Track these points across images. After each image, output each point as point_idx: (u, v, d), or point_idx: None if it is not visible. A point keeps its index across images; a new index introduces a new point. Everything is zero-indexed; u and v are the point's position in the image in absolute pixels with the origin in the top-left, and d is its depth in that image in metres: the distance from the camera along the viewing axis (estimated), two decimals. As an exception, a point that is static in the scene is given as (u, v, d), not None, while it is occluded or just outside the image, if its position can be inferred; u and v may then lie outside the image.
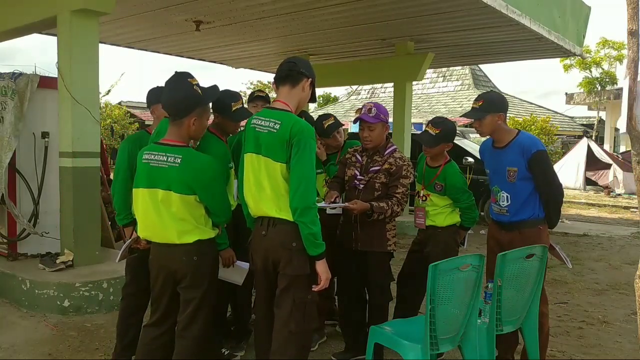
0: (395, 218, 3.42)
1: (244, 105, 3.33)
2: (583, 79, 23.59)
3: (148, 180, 2.59)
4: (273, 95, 3.13)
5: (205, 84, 2.74)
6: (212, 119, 3.22)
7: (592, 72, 23.44)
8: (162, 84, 2.91)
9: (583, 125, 24.65)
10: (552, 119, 20.53)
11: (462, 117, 16.77)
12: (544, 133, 18.25)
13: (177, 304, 2.68)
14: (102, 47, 6.09)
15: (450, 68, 21.33)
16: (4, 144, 5.06)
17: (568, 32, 8.27)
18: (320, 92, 29.83)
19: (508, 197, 3.21)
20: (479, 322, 2.83)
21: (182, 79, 2.61)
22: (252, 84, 28.71)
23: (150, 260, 2.72)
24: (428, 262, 2.74)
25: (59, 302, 4.44)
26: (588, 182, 17.32)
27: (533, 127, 18.30)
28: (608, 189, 16.56)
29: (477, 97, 3.33)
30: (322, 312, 3.77)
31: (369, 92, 24.84)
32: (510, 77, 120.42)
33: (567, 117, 25.39)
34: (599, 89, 23.22)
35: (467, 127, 15.79)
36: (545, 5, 7.47)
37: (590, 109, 25.66)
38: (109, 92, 24.35)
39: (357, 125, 3.57)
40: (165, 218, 2.57)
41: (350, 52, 9.67)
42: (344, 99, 26.29)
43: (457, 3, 6.42)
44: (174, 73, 2.67)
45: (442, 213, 3.55)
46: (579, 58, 16.74)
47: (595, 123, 23.97)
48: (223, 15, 7.26)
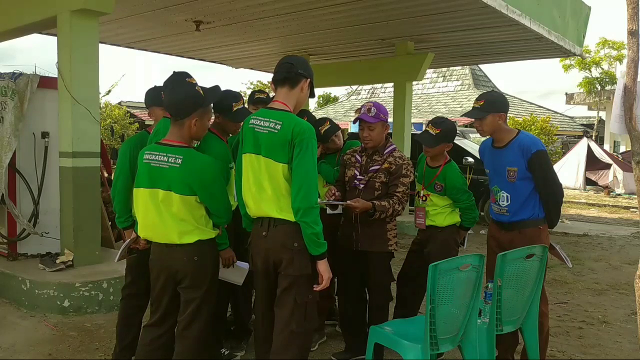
0: (397, 217, 3.42)
1: (245, 106, 3.33)
2: (583, 79, 23.64)
3: (149, 181, 2.59)
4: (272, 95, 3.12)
5: (206, 84, 2.74)
6: (212, 119, 3.23)
7: (592, 72, 23.49)
8: (160, 85, 2.91)
9: (583, 125, 24.67)
10: (552, 119, 20.53)
11: (463, 116, 16.76)
12: (544, 133, 18.25)
13: (177, 304, 2.68)
14: (102, 47, 6.09)
15: (450, 68, 21.32)
16: (4, 144, 5.07)
17: (568, 32, 8.27)
18: (320, 92, 29.83)
19: (508, 197, 3.21)
20: (479, 322, 2.83)
21: (181, 79, 2.61)
22: (252, 84, 28.72)
23: (151, 261, 2.72)
24: (428, 262, 2.74)
25: (59, 302, 4.44)
26: (588, 182, 17.32)
27: (533, 127, 18.29)
28: (608, 189, 16.56)
29: (478, 96, 3.33)
30: (322, 312, 3.77)
31: (369, 92, 24.82)
32: (510, 77, 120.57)
33: (567, 117, 25.42)
34: (599, 89, 23.26)
35: (467, 127, 15.79)
36: (545, 5, 7.47)
37: (590, 109, 25.71)
38: (109, 92, 24.36)
39: (357, 125, 3.56)
40: (166, 218, 2.57)
41: (350, 52, 9.67)
42: (344, 99, 26.28)
43: (457, 3, 6.43)
44: (172, 73, 2.67)
45: (442, 213, 3.56)
46: (579, 58, 16.76)
47: (595, 123, 24.00)
48: (223, 15, 7.26)
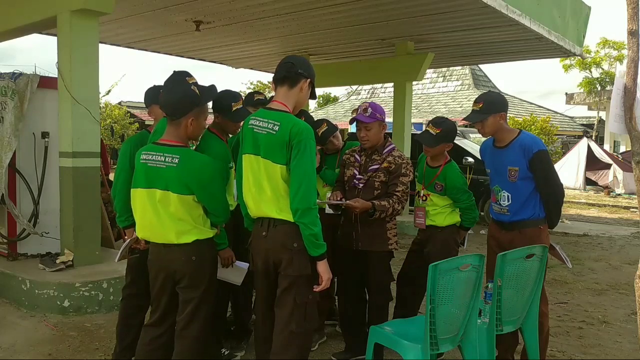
0: (396, 216, 3.42)
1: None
2: (583, 79, 23.65)
3: (146, 181, 2.59)
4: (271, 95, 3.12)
5: (205, 84, 2.74)
6: (212, 119, 3.23)
7: (592, 72, 23.50)
8: (160, 84, 2.90)
9: (583, 125, 24.67)
10: (552, 119, 20.54)
11: (464, 120, 16.76)
12: (544, 133, 18.26)
13: (176, 304, 2.68)
14: (102, 47, 6.09)
15: (450, 68, 21.33)
16: (4, 144, 5.06)
17: (568, 32, 8.27)
18: (320, 92, 29.82)
19: (509, 196, 3.21)
20: (479, 322, 2.83)
21: (180, 79, 2.61)
22: (252, 84, 28.74)
23: (149, 261, 2.72)
24: (428, 262, 2.74)
25: (59, 302, 4.44)
26: (588, 182, 17.32)
27: (533, 127, 18.30)
28: (608, 189, 16.56)
29: (476, 99, 3.32)
30: (322, 312, 3.77)
31: (369, 92, 24.82)
32: (510, 77, 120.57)
33: (567, 117, 25.41)
34: (599, 89, 23.26)
35: (467, 127, 15.78)
36: (545, 5, 7.46)
37: (590, 109, 25.71)
38: (109, 92, 24.38)
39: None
40: (164, 218, 2.57)
41: (350, 52, 9.67)
42: (344, 99, 26.28)
43: (457, 3, 6.43)
44: (173, 72, 2.67)
45: (442, 213, 3.56)
46: (579, 58, 16.74)
47: (595, 123, 24.00)
48: (223, 15, 7.26)
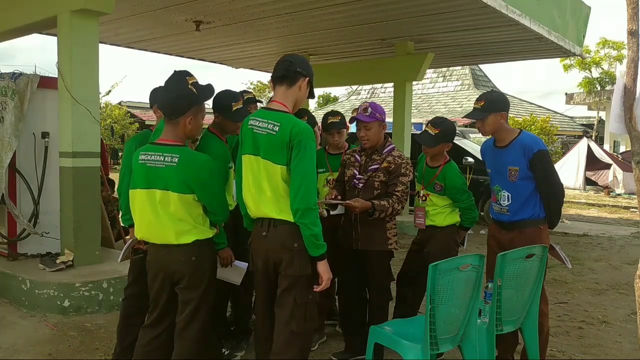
0: (396, 216, 3.42)
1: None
2: (583, 79, 23.65)
3: (145, 181, 2.59)
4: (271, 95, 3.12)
5: (204, 84, 2.74)
6: (212, 119, 3.23)
7: (592, 72, 23.50)
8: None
9: (583, 125, 24.68)
10: (552, 119, 20.55)
11: (464, 117, 16.76)
12: (544, 133, 18.27)
13: (175, 305, 2.67)
14: (102, 47, 6.09)
15: (450, 68, 21.33)
16: (4, 144, 5.06)
17: (568, 32, 8.27)
18: (320, 92, 29.87)
19: (509, 196, 3.21)
20: (479, 322, 2.83)
21: (178, 79, 2.61)
22: (252, 84, 28.74)
23: (148, 261, 2.71)
24: (428, 262, 2.73)
25: (59, 302, 4.44)
26: (588, 182, 17.32)
27: (533, 127, 18.31)
28: (608, 189, 16.55)
29: (478, 97, 3.33)
30: (322, 312, 3.77)
31: (369, 92, 24.83)
32: (510, 77, 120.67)
33: (567, 117, 25.42)
34: (599, 89, 23.27)
35: (467, 127, 15.80)
36: (545, 5, 7.46)
37: (590, 109, 25.71)
38: (109, 92, 24.39)
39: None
40: (163, 218, 2.56)
41: (350, 52, 9.67)
42: (344, 99, 26.28)
43: (457, 3, 6.43)
44: (173, 72, 2.67)
45: (441, 213, 3.56)
46: (579, 58, 16.75)
47: (595, 123, 24.00)
48: (223, 15, 7.26)
